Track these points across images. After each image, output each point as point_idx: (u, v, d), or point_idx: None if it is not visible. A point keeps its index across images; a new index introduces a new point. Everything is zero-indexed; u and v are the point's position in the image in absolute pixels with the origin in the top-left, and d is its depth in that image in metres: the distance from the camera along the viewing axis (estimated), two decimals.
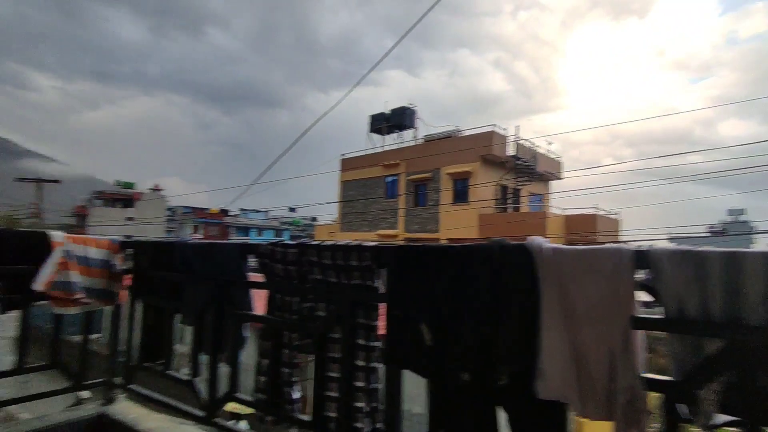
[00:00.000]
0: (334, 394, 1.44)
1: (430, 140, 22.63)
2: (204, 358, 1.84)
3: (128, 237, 2.17)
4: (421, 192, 21.85)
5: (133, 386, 2.11)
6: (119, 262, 2.11)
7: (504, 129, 20.02)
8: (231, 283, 1.70)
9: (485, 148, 19.05)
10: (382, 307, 1.38)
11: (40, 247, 1.86)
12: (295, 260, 1.49)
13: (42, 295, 1.88)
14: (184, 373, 2.00)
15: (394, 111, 25.64)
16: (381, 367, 1.41)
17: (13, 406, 2.25)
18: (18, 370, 1.89)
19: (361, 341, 1.41)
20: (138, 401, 2.27)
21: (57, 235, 1.92)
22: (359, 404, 1.39)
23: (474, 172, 19.53)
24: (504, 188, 20.47)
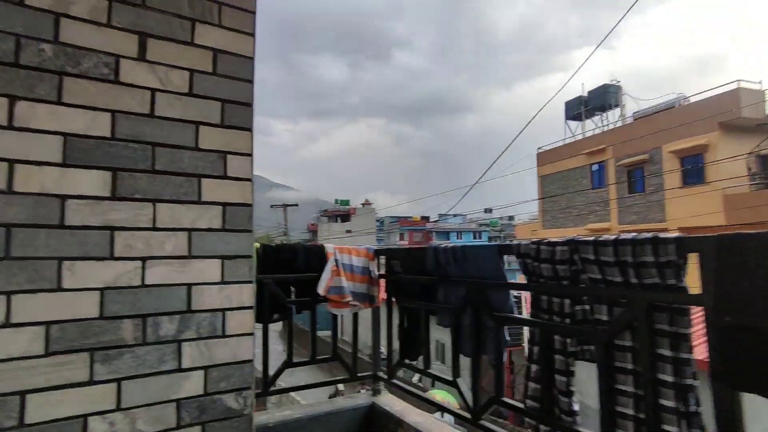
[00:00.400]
0: (628, 411, 1.25)
1: (641, 117, 19.31)
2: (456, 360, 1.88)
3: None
4: (637, 177, 18.76)
5: (395, 381, 2.30)
6: (375, 268, 2.36)
7: (759, 83, 15.51)
8: (488, 284, 1.68)
9: (728, 112, 15.10)
10: (695, 312, 1.13)
11: (319, 257, 2.22)
12: (566, 258, 1.37)
13: (323, 299, 2.22)
14: (439, 370, 2.08)
15: (593, 92, 22.92)
16: (700, 385, 1.15)
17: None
18: (312, 360, 2.28)
19: (664, 352, 1.18)
20: (399, 395, 2.47)
21: (329, 247, 2.25)
22: (670, 429, 1.16)
23: (711, 145, 15.75)
24: (764, 159, 15.83)
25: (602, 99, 22.01)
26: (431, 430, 1.94)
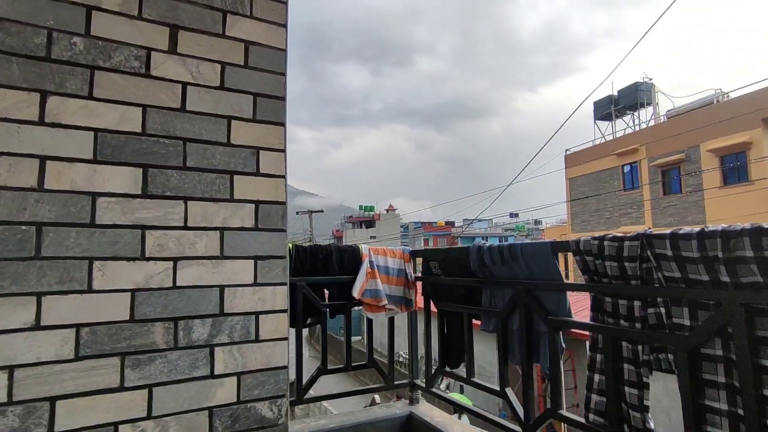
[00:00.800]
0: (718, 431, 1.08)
1: (676, 115, 18.58)
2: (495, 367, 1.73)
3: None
4: (673, 177, 18.03)
5: (434, 390, 2.17)
6: (411, 270, 2.24)
7: None
8: (540, 285, 1.54)
9: None
10: None
11: (354, 259, 2.12)
12: (635, 255, 1.22)
13: (357, 302, 2.12)
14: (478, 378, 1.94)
15: (623, 91, 22.23)
16: None
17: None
18: (347, 367, 2.18)
19: None
20: (438, 405, 2.33)
21: (364, 248, 2.15)
22: None
23: (754, 142, 14.99)
24: None
25: (633, 97, 21.27)
26: None
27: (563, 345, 1.51)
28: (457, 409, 2.02)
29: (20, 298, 1.28)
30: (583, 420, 1.40)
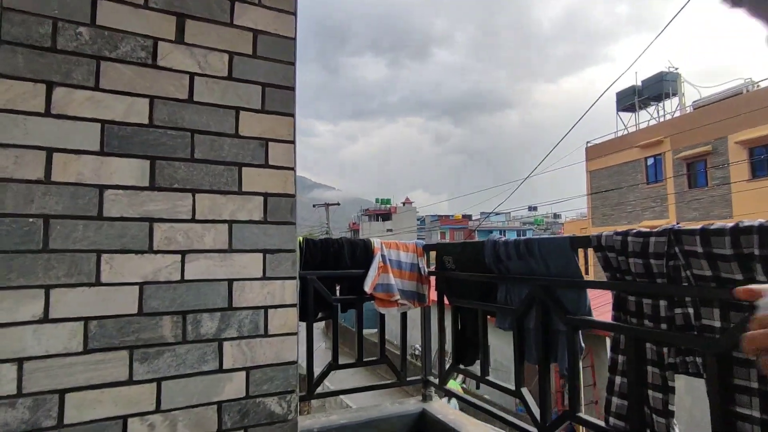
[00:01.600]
0: None
1: (702, 106, 17.94)
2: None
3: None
4: (699, 170, 17.46)
5: (447, 387, 2.12)
6: (425, 265, 2.19)
7: None
8: (558, 282, 1.47)
9: None
10: None
11: (365, 252, 2.07)
12: (662, 252, 1.14)
13: (369, 297, 2.07)
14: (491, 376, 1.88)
15: (648, 81, 21.58)
16: None
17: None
18: (358, 362, 2.14)
19: None
20: (451, 402, 2.28)
21: (376, 242, 2.10)
22: None
23: None
24: None
25: (658, 88, 20.61)
26: None
27: (582, 345, 1.44)
28: (468, 404, 1.97)
29: (28, 290, 1.27)
30: (602, 423, 1.34)
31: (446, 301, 2.14)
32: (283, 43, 1.69)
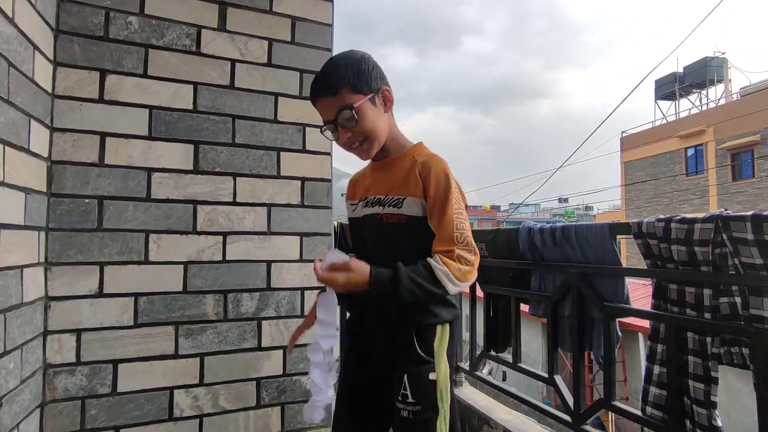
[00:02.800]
0: None
1: (750, 93, 16.94)
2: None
3: None
4: (744, 161, 16.57)
5: (478, 373, 2.13)
6: None
7: None
8: (595, 270, 1.45)
9: None
10: None
11: None
12: (708, 239, 1.11)
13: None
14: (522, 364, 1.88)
15: (690, 67, 20.53)
16: None
17: None
18: None
19: None
20: (481, 389, 2.29)
21: None
22: None
23: None
24: None
25: (702, 74, 19.54)
26: (522, 430, 1.75)
27: (619, 333, 1.42)
28: (503, 394, 1.97)
29: (85, 267, 1.36)
30: (638, 413, 1.32)
31: (478, 289, 2.14)
32: (321, 29, 1.72)
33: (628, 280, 1.44)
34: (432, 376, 1.02)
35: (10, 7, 1.06)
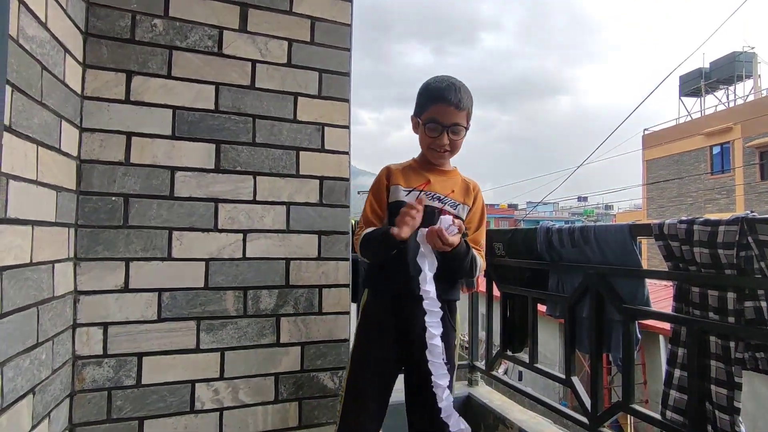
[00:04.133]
0: None
1: None
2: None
3: None
4: None
5: (494, 373, 2.13)
6: None
7: None
8: (614, 271, 1.43)
9: None
10: None
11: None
12: (732, 241, 1.09)
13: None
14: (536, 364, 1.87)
15: (717, 62, 19.93)
16: None
17: None
18: None
19: None
20: (496, 388, 2.29)
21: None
22: None
23: None
24: None
25: (729, 69, 18.94)
26: (538, 431, 1.74)
27: (639, 336, 1.40)
28: (519, 394, 1.97)
29: (112, 262, 1.40)
30: (658, 416, 1.30)
31: (495, 288, 2.13)
32: (340, 29, 1.73)
33: (648, 281, 1.42)
34: (456, 341, 1.42)
35: (43, 12, 1.10)
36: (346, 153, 1.72)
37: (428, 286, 1.22)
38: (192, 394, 1.48)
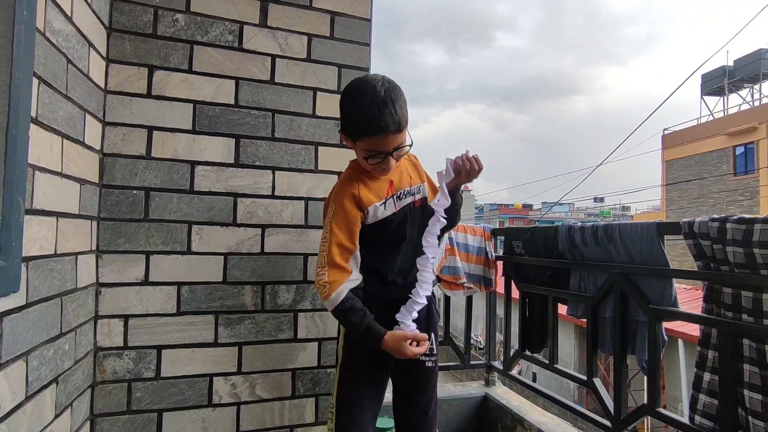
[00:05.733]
0: None
1: None
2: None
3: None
4: None
5: (512, 374, 2.10)
6: (492, 249, 2.15)
7: None
8: (640, 270, 1.39)
9: None
10: None
11: None
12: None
13: (435, 278, 2.08)
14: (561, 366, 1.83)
15: (742, 60, 19.38)
16: None
17: None
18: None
19: None
20: (514, 389, 2.25)
21: None
22: None
23: None
24: None
25: (755, 68, 18.40)
26: None
27: (665, 337, 1.36)
28: (536, 392, 1.93)
29: (132, 255, 1.42)
30: (686, 421, 1.26)
31: (513, 288, 2.10)
32: (359, 24, 1.72)
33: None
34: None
35: (69, 6, 1.11)
36: None
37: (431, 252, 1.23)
38: (210, 388, 1.49)
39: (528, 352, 1.98)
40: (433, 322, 1.35)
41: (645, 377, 1.36)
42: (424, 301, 1.23)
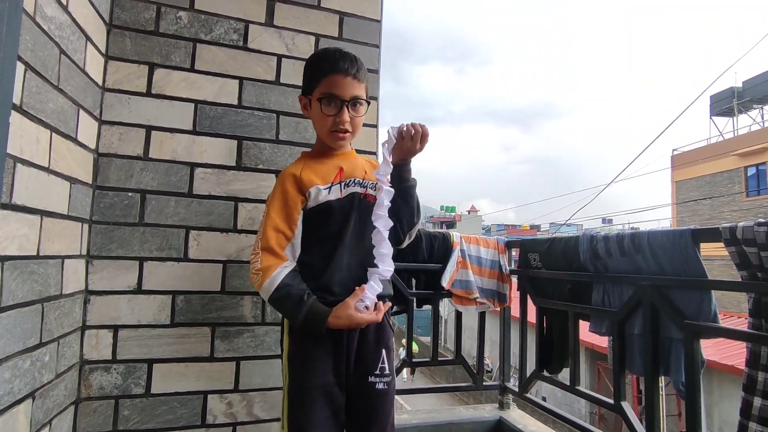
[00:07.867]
0: None
1: None
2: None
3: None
4: None
5: (528, 396, 1.95)
6: (506, 263, 2.04)
7: None
8: (674, 282, 1.27)
9: None
10: None
11: (444, 246, 1.98)
12: None
13: (447, 293, 1.97)
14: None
15: (752, 81, 19.35)
16: None
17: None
18: (433, 361, 2.04)
19: None
20: (531, 412, 2.10)
21: (455, 236, 2.00)
22: None
23: None
24: None
25: (764, 88, 18.34)
26: None
27: (704, 357, 1.23)
28: (555, 417, 1.78)
29: (125, 261, 1.33)
30: None
31: (529, 303, 1.98)
32: (369, 25, 1.66)
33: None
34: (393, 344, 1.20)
35: None
36: (374, 153, 1.62)
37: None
38: (204, 407, 1.37)
39: (546, 373, 1.84)
40: (386, 336, 1.15)
41: (683, 401, 1.23)
42: (387, 276, 1.12)
